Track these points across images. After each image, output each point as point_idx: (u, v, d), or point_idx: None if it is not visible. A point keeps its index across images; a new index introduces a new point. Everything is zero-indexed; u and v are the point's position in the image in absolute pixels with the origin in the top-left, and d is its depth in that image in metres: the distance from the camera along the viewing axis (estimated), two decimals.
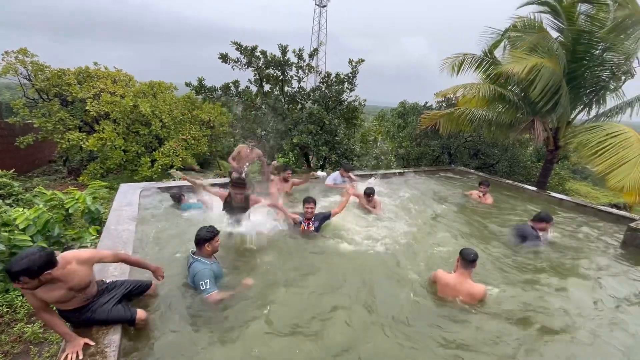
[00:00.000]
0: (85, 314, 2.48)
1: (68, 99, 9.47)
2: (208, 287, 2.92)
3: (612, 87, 7.46)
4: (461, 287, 3.16)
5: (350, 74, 8.76)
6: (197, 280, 2.95)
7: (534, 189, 7.90)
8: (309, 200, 4.57)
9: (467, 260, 3.13)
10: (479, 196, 6.70)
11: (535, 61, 6.58)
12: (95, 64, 10.34)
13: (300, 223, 4.57)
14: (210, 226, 3.17)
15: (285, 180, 6.27)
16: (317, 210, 4.69)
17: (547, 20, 7.66)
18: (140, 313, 2.65)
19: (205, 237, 3.06)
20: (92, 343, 2.33)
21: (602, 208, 6.57)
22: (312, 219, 4.59)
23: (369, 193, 5.70)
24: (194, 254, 3.15)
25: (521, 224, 4.97)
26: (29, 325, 3.38)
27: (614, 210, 6.47)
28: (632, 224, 4.97)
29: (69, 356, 2.22)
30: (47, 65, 9.50)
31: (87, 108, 9.07)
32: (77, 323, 2.49)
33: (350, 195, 5.12)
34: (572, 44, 7.17)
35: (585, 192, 16.12)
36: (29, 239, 3.86)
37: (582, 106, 7.89)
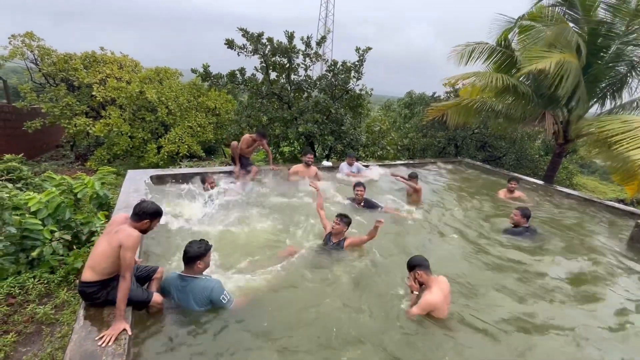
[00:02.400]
0: (104, 291, 2.48)
1: (75, 84, 9.47)
2: (229, 297, 2.81)
3: (631, 81, 7.23)
4: (447, 291, 3.02)
5: (357, 62, 8.62)
6: (215, 296, 2.74)
7: (541, 182, 7.83)
8: (359, 184, 5.10)
9: (427, 265, 3.02)
10: (509, 192, 6.45)
11: (559, 57, 6.26)
12: (102, 49, 10.29)
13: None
14: (200, 240, 2.82)
15: (307, 165, 6.23)
16: (348, 232, 3.99)
17: (562, 10, 7.39)
18: (157, 296, 2.67)
19: (198, 254, 2.71)
20: (130, 332, 2.33)
21: (610, 203, 6.51)
22: (362, 203, 5.07)
23: (414, 176, 5.88)
24: (184, 274, 2.78)
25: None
26: (41, 307, 3.46)
27: (622, 206, 6.41)
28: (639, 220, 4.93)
29: (107, 337, 2.22)
30: (53, 49, 9.47)
31: (93, 93, 9.08)
32: (95, 301, 2.50)
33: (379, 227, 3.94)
34: (589, 35, 6.95)
35: (593, 187, 15.93)
36: (40, 222, 3.92)
37: (595, 99, 7.71)
